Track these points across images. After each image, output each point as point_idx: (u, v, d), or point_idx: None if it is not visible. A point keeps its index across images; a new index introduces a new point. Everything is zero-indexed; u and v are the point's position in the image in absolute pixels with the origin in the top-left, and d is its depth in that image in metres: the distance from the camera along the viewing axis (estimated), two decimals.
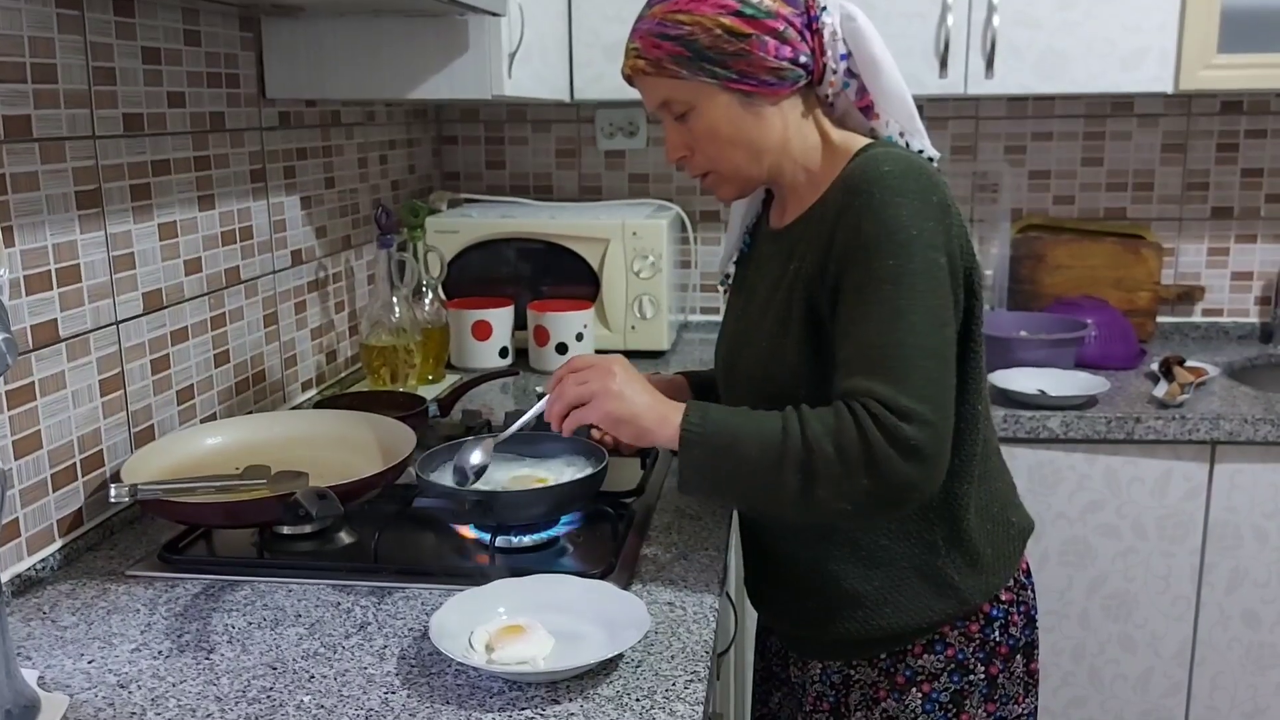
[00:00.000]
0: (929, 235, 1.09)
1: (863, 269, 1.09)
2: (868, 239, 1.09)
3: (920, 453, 1.05)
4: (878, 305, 1.08)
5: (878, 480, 1.05)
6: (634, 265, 2.28)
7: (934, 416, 1.06)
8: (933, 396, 1.06)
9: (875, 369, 1.07)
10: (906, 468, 1.05)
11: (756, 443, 1.09)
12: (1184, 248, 2.60)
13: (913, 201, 1.09)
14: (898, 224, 1.08)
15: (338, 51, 1.77)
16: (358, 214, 2.18)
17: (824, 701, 1.29)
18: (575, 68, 2.27)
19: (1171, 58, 2.16)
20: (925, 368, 1.06)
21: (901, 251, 1.08)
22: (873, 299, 1.08)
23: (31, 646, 1.10)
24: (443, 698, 1.00)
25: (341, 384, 2.07)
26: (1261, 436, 2.00)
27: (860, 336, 1.09)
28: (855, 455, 1.05)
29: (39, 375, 1.27)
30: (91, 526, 1.36)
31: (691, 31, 1.13)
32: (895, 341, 1.07)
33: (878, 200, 1.09)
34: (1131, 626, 2.14)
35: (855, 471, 1.05)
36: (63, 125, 1.30)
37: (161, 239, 1.51)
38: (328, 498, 1.19)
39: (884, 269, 1.08)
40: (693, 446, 1.11)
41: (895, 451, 1.04)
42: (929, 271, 1.08)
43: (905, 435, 1.04)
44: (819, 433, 1.06)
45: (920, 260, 1.08)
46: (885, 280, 1.08)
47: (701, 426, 1.11)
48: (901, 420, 1.04)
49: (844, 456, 1.05)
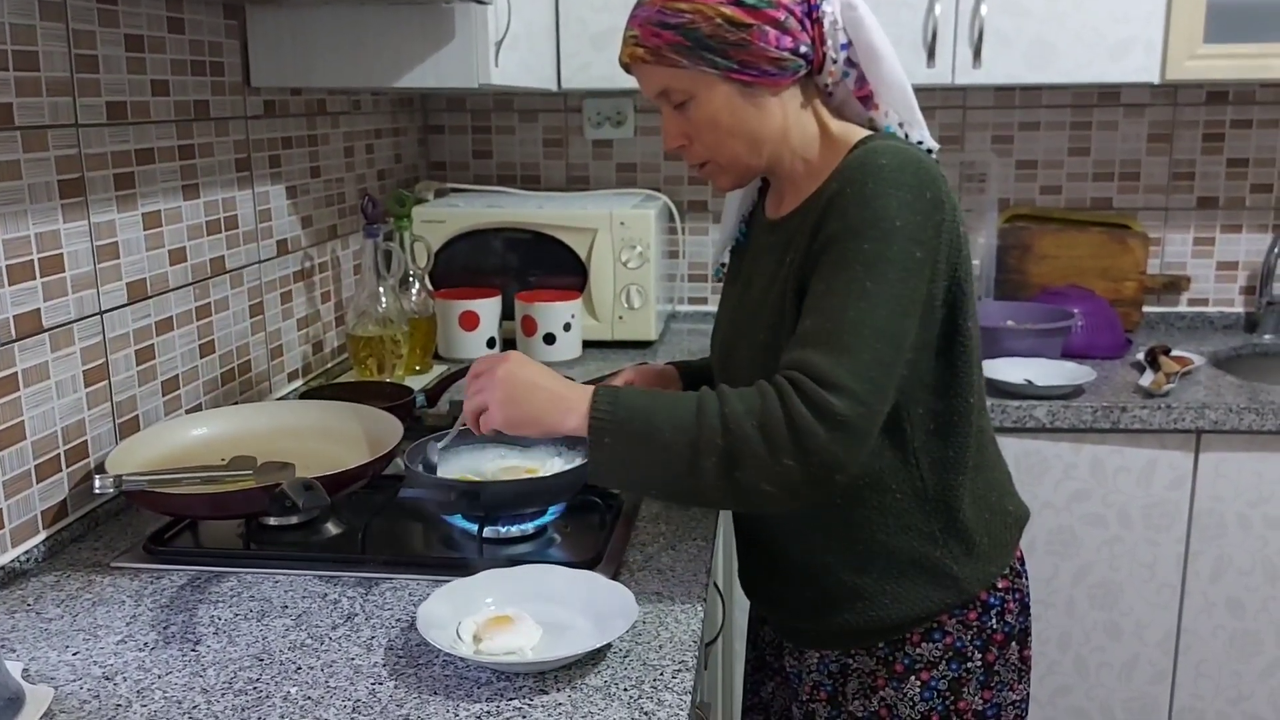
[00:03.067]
0: (913, 229, 1.08)
1: (839, 249, 1.09)
2: (852, 225, 1.09)
3: (846, 426, 1.02)
4: (843, 284, 1.07)
5: (800, 456, 1.02)
6: (622, 255, 2.28)
7: (868, 398, 1.04)
8: (873, 378, 1.04)
9: (821, 341, 1.05)
10: (830, 444, 1.02)
11: (670, 426, 1.05)
12: (1170, 237, 2.60)
13: (903, 194, 1.09)
14: (884, 213, 1.08)
15: (323, 40, 1.76)
16: (344, 204, 2.17)
17: (821, 690, 1.29)
18: (562, 57, 2.26)
19: (1158, 48, 2.17)
20: (874, 349, 1.05)
21: (881, 239, 1.07)
22: (840, 277, 1.07)
23: (16, 639, 1.10)
24: (430, 688, 1.00)
25: (328, 375, 2.06)
26: (1246, 425, 2.01)
27: (817, 311, 1.08)
28: (779, 430, 1.02)
29: (22, 366, 1.26)
30: (76, 518, 1.36)
31: (692, 20, 1.13)
32: (850, 319, 1.05)
33: (869, 190, 1.09)
34: (1117, 614, 2.15)
35: (778, 448, 1.02)
36: (45, 114, 1.29)
37: (146, 228, 1.50)
38: (314, 488, 1.18)
39: (859, 252, 1.07)
40: (603, 434, 1.08)
41: (820, 424, 1.01)
42: (904, 263, 1.08)
43: (831, 407, 1.02)
44: (739, 412, 1.04)
45: (898, 250, 1.07)
46: (857, 262, 1.07)
47: (612, 413, 1.08)
48: (829, 392, 1.02)
49: (766, 433, 1.02)
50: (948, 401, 1.18)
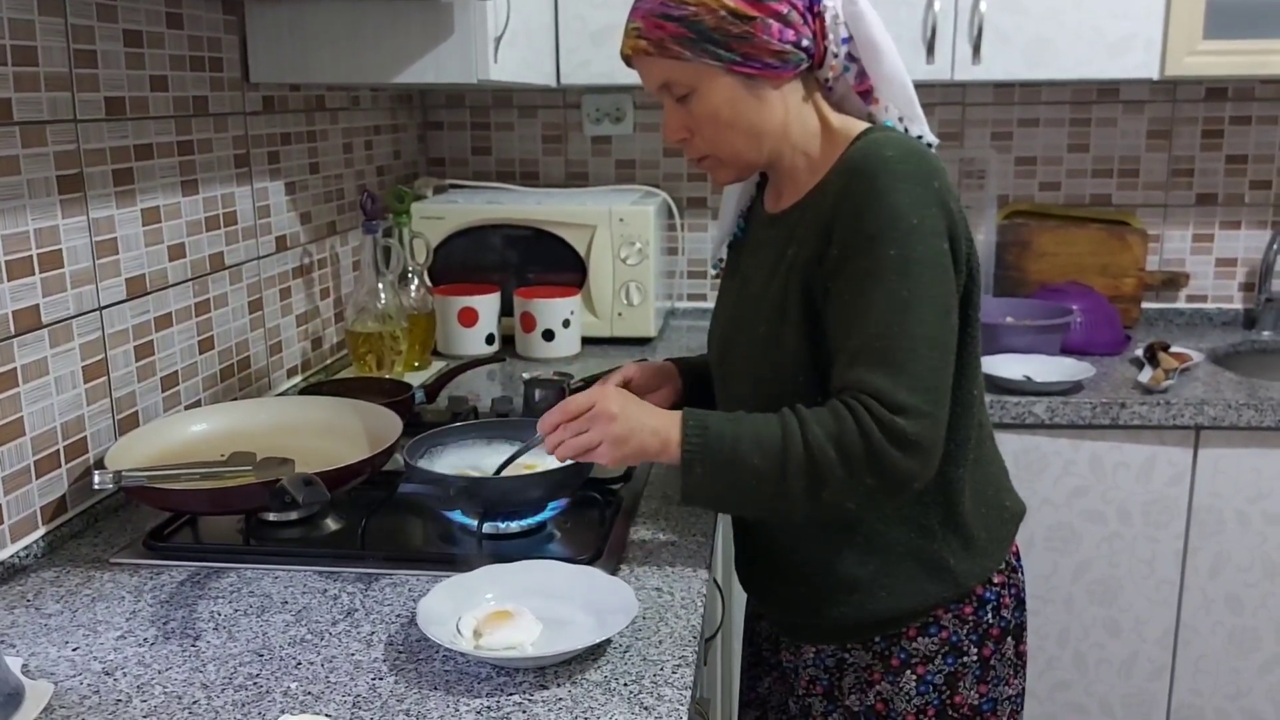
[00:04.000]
0: (931, 222, 1.09)
1: (865, 259, 1.09)
2: (870, 228, 1.09)
3: (918, 446, 1.07)
4: (883, 296, 1.08)
5: (880, 477, 1.07)
6: (621, 252, 2.28)
7: (931, 409, 1.08)
8: (932, 388, 1.08)
9: (877, 362, 1.08)
10: (906, 462, 1.07)
11: (758, 452, 1.09)
12: (1169, 234, 2.60)
13: (913, 188, 1.09)
14: (899, 212, 1.08)
15: (322, 36, 1.75)
16: (343, 200, 2.17)
17: (817, 685, 1.29)
18: (562, 53, 2.25)
19: (1157, 44, 2.17)
20: (928, 359, 1.08)
21: (904, 241, 1.08)
22: (877, 290, 1.08)
23: (16, 634, 1.10)
24: (430, 684, 1.00)
25: (327, 370, 2.06)
26: (1245, 422, 2.01)
27: (864, 328, 1.09)
28: (858, 456, 1.07)
29: (21, 361, 1.26)
30: (76, 514, 1.36)
31: (696, 13, 1.13)
32: (899, 334, 1.08)
33: (879, 186, 1.09)
34: (1116, 611, 2.15)
35: (859, 472, 1.07)
36: (44, 109, 1.29)
37: (145, 224, 1.49)
38: (314, 484, 1.18)
39: (887, 260, 1.08)
40: (694, 464, 1.12)
41: (894, 448, 1.06)
42: (933, 259, 1.09)
43: (902, 430, 1.06)
44: (820, 436, 1.08)
45: (923, 248, 1.08)
46: (890, 271, 1.08)
47: (702, 441, 1.11)
48: (898, 415, 1.06)
49: (846, 458, 1.07)
50: (952, 394, 1.18)
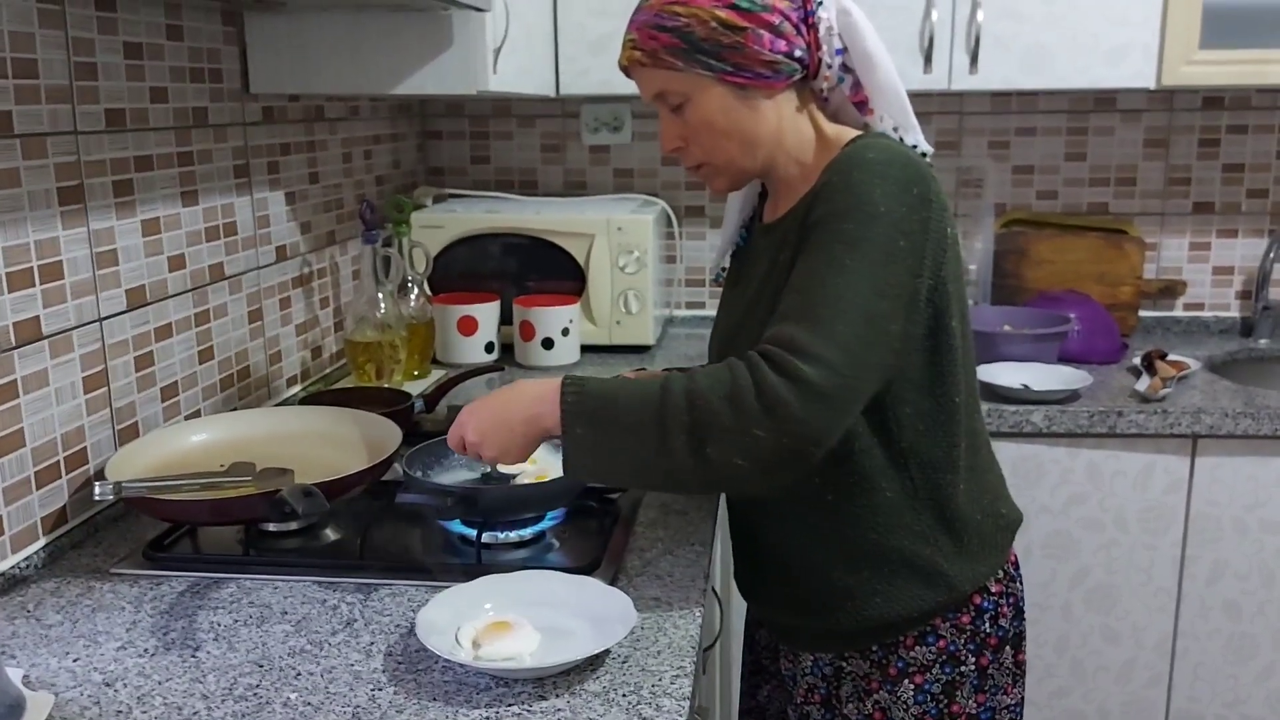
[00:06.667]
0: (898, 218, 1.09)
1: (820, 231, 1.10)
2: (835, 208, 1.10)
3: (822, 396, 1.01)
4: (823, 261, 1.08)
5: (772, 427, 1.01)
6: (619, 260, 2.28)
7: (845, 369, 1.03)
8: (851, 350, 1.04)
9: (798, 316, 1.05)
10: (804, 410, 1.00)
11: (638, 407, 1.05)
12: (1166, 242, 2.61)
13: (889, 185, 1.10)
14: (869, 199, 1.09)
15: (322, 46, 1.76)
16: (342, 209, 2.17)
17: (815, 694, 1.30)
18: (560, 63, 2.26)
19: (1154, 53, 2.18)
20: (851, 321, 1.05)
21: (866, 221, 1.08)
22: (820, 256, 1.08)
23: (16, 645, 1.10)
24: (429, 694, 1.00)
25: (326, 380, 2.06)
26: (1242, 430, 2.01)
27: (794, 289, 1.08)
28: (748, 401, 1.01)
29: (21, 373, 1.27)
30: (76, 524, 1.36)
31: (688, 23, 1.14)
32: (827, 293, 1.06)
33: (854, 179, 1.10)
34: (1114, 618, 2.15)
35: (748, 419, 1.01)
36: (44, 121, 1.29)
37: (145, 235, 1.50)
38: (314, 495, 1.19)
39: (839, 232, 1.08)
40: (574, 424, 1.08)
41: (791, 393, 1.01)
42: (885, 246, 1.08)
43: (804, 374, 1.01)
44: (704, 386, 1.04)
45: (881, 234, 1.08)
46: (837, 241, 1.08)
47: (578, 399, 1.08)
48: (803, 361, 1.02)
49: (735, 404, 1.02)
50: (935, 400, 1.18)
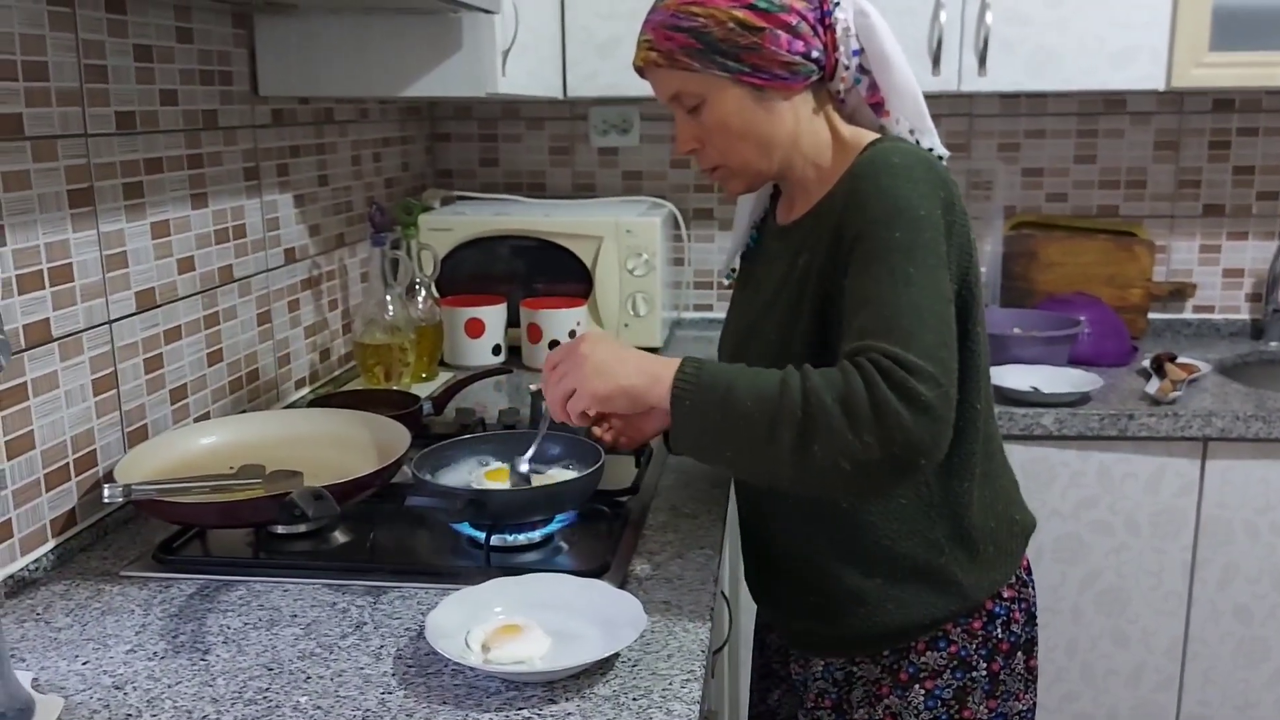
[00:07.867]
0: (935, 221, 1.09)
1: (871, 241, 1.08)
2: (876, 215, 1.08)
3: (931, 410, 0.99)
4: (888, 272, 1.06)
5: (883, 436, 0.98)
6: (627, 263, 2.28)
7: (943, 379, 1.02)
8: (942, 359, 1.03)
9: (885, 330, 1.03)
10: (915, 424, 0.99)
11: (753, 395, 1.03)
12: (1176, 245, 2.60)
13: (920, 188, 1.09)
14: (906, 203, 1.08)
15: (331, 49, 1.76)
16: (351, 212, 2.17)
17: (826, 698, 1.29)
18: (569, 65, 2.26)
19: (1163, 55, 2.17)
20: (936, 332, 1.04)
21: (911, 226, 1.07)
22: (883, 267, 1.06)
23: (25, 648, 1.10)
24: (440, 698, 1.00)
25: (335, 382, 2.06)
26: (1253, 433, 2.00)
27: (869, 302, 1.06)
28: (861, 408, 0.99)
29: (31, 375, 1.27)
30: (85, 527, 1.36)
31: (705, 24, 1.14)
32: (906, 304, 1.04)
33: (885, 183, 1.09)
34: (1124, 622, 2.14)
35: (859, 425, 0.99)
36: (55, 124, 1.29)
37: (154, 237, 1.50)
38: (324, 497, 1.18)
39: (893, 240, 1.07)
40: (684, 399, 1.06)
41: (904, 406, 0.98)
42: (934, 249, 1.07)
43: (915, 390, 0.99)
44: (820, 385, 1.02)
45: (928, 237, 1.07)
46: (895, 250, 1.06)
47: (696, 379, 1.07)
48: (911, 375, 1.00)
49: (848, 408, 0.99)
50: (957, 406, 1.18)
